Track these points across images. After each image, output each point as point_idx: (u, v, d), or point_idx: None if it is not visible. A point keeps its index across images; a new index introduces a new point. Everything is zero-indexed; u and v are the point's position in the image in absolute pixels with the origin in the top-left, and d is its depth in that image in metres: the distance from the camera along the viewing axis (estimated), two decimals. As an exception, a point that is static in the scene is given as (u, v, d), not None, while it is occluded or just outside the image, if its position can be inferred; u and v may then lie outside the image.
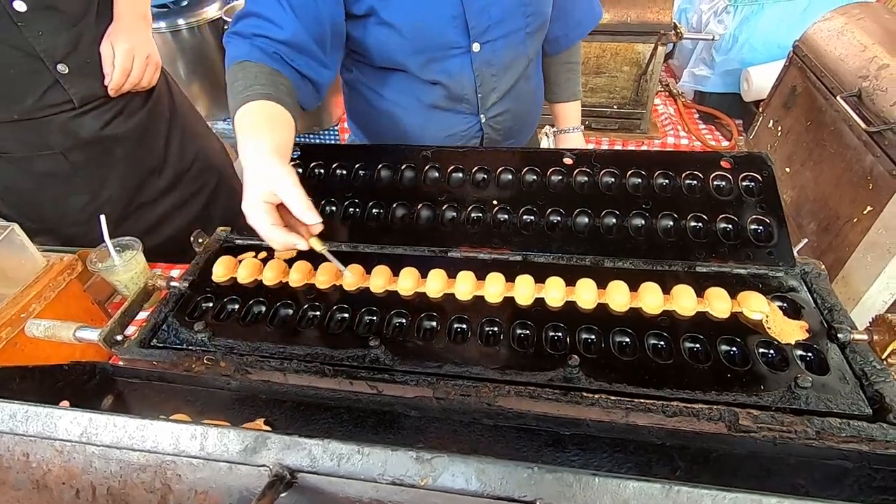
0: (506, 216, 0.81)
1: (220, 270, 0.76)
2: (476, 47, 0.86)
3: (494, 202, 0.82)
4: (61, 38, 0.91)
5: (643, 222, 0.78)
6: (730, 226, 0.76)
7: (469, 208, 0.82)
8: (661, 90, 1.93)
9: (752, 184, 0.79)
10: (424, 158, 0.88)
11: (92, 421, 0.34)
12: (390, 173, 0.88)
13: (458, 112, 0.95)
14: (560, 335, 0.66)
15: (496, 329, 0.68)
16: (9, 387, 0.53)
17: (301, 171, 0.91)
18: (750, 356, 0.61)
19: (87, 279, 1.00)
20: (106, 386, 0.62)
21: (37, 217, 1.10)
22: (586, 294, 0.69)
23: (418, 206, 0.84)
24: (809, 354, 0.62)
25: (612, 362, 0.62)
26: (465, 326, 0.68)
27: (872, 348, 0.61)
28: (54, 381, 0.59)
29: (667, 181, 0.81)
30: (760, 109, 1.54)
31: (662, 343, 0.64)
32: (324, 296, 0.73)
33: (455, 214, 0.83)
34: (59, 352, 0.85)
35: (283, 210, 0.65)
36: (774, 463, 0.52)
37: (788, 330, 0.64)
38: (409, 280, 0.73)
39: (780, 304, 0.68)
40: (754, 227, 0.75)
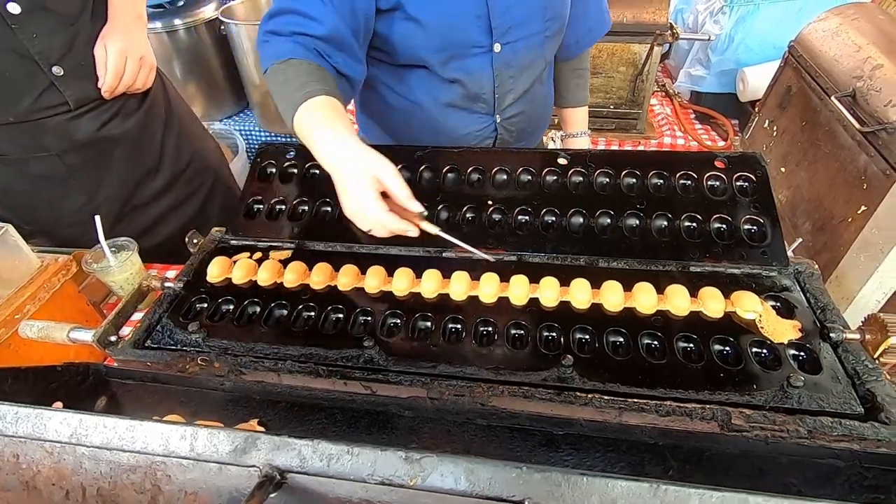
0: (500, 216, 0.82)
1: (215, 271, 0.76)
2: (497, 47, 0.87)
3: (489, 202, 0.82)
4: (56, 41, 0.91)
5: (637, 222, 0.78)
6: (724, 226, 0.76)
7: (464, 209, 0.82)
8: (657, 90, 1.93)
9: (746, 184, 0.79)
10: (419, 159, 0.88)
11: (82, 422, 0.34)
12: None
13: (473, 112, 0.96)
14: (554, 335, 0.66)
15: (490, 329, 0.68)
16: (1, 388, 0.53)
17: (296, 171, 0.91)
18: (743, 356, 0.61)
19: (83, 280, 1.00)
20: (100, 387, 0.62)
21: (33, 219, 1.09)
22: (580, 294, 0.69)
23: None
24: (802, 354, 0.62)
25: (605, 362, 0.62)
26: (459, 327, 0.68)
27: (865, 347, 0.61)
28: (48, 383, 0.59)
29: (661, 181, 0.81)
30: (756, 109, 1.54)
31: (656, 343, 0.65)
32: (318, 296, 0.73)
33: (450, 215, 0.83)
34: (54, 353, 0.85)
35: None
36: (767, 462, 0.52)
37: (781, 329, 0.64)
38: (404, 280, 0.73)
39: (774, 303, 0.68)
40: (748, 226, 0.76)
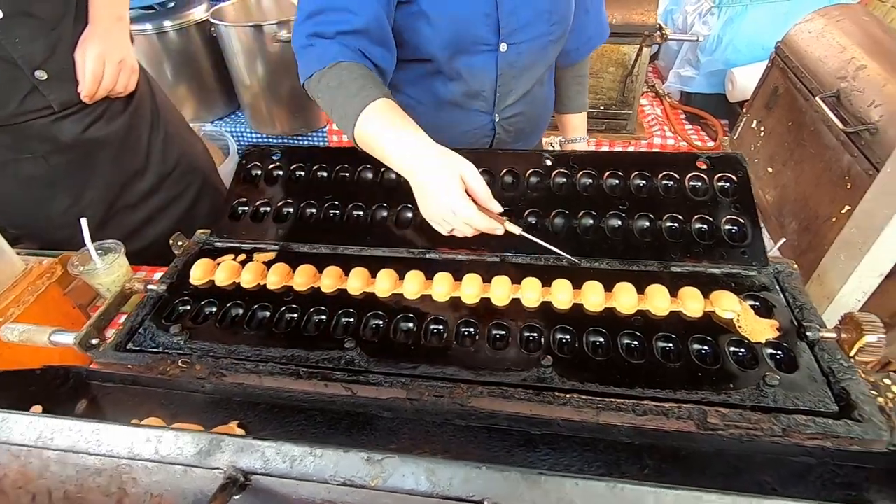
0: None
1: (198, 273, 0.76)
2: (503, 47, 0.88)
3: (473, 203, 0.83)
4: (38, 45, 0.91)
5: (620, 223, 0.78)
6: (705, 226, 0.77)
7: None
8: (647, 91, 1.94)
9: (728, 184, 0.80)
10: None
11: (48, 425, 0.34)
12: (371, 175, 0.89)
13: (472, 110, 0.97)
14: (535, 335, 0.67)
15: (472, 330, 0.68)
16: (-21, 392, 0.53)
17: (281, 173, 0.91)
18: (721, 355, 0.62)
19: (69, 283, 0.99)
20: (80, 390, 0.62)
21: (20, 222, 1.09)
22: (562, 294, 0.69)
23: (398, 208, 0.84)
24: (779, 353, 0.62)
25: (585, 362, 0.62)
26: (441, 328, 0.68)
27: (841, 346, 0.62)
28: (27, 386, 0.59)
29: (644, 182, 0.81)
30: (744, 110, 1.55)
31: (636, 343, 0.65)
32: (301, 298, 0.73)
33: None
34: (39, 357, 0.84)
35: None
36: (742, 460, 0.53)
37: (759, 329, 0.64)
38: (387, 281, 0.73)
39: (753, 303, 0.69)
40: (728, 227, 0.76)
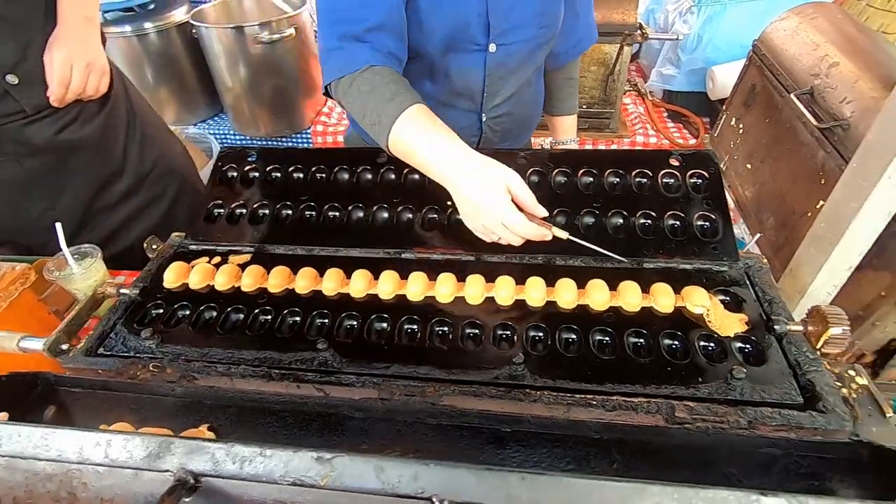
0: (461, 216, 0.82)
1: (171, 276, 0.76)
2: (493, 48, 0.88)
3: (449, 203, 0.83)
4: (8, 48, 0.90)
5: (594, 220, 0.79)
6: (677, 222, 0.77)
7: (424, 210, 0.83)
8: (630, 90, 1.95)
9: (700, 181, 0.80)
10: (380, 162, 0.88)
11: (-3, 431, 0.34)
12: (347, 176, 0.89)
13: (459, 109, 0.97)
14: (508, 333, 0.67)
15: (446, 329, 0.68)
16: (-58, 399, 0.52)
17: (257, 174, 0.91)
18: (690, 349, 0.62)
19: (45, 289, 0.98)
20: (48, 396, 0.62)
21: (-4, 228, 1.08)
22: (535, 292, 0.70)
23: (374, 209, 0.84)
24: (748, 346, 0.63)
25: (557, 359, 0.63)
26: (415, 327, 0.68)
27: (808, 339, 0.63)
28: (-8, 393, 0.58)
29: (617, 179, 0.82)
30: (724, 107, 1.57)
31: (607, 339, 0.65)
32: (275, 300, 0.73)
33: (410, 216, 0.83)
34: (14, 363, 0.83)
35: None
36: (708, 453, 0.53)
37: (728, 323, 0.65)
38: (361, 282, 0.73)
39: (723, 297, 0.69)
40: (700, 223, 0.77)
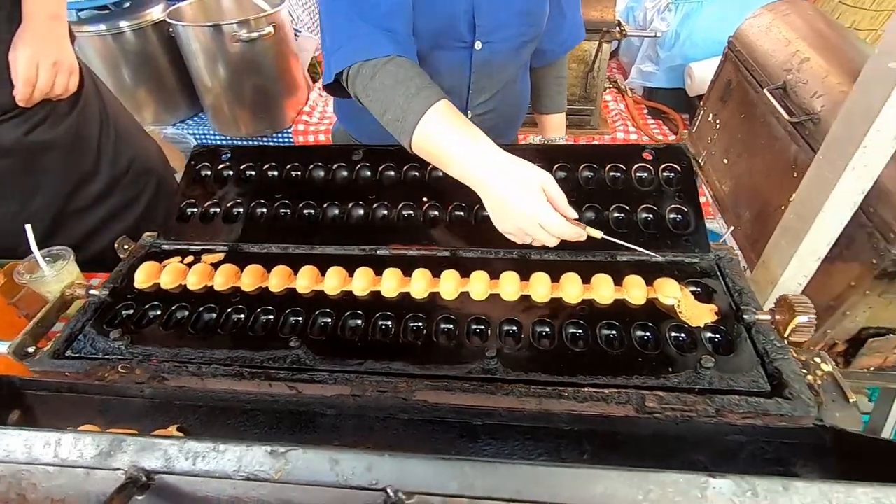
0: (436, 213, 0.82)
1: (142, 276, 0.75)
2: (478, 45, 0.88)
3: (424, 199, 0.83)
4: None
5: (569, 214, 0.79)
6: (650, 215, 0.78)
7: (399, 206, 0.83)
8: (610, 87, 1.97)
9: (672, 174, 0.81)
10: (355, 159, 0.88)
11: (-58, 433, 0.33)
12: (322, 174, 0.88)
13: None
14: (482, 328, 0.67)
15: (420, 325, 0.68)
16: None
17: (231, 173, 0.90)
18: (661, 340, 0.63)
19: (15, 293, 0.96)
20: (13, 400, 0.60)
21: (-34, 231, 1.05)
22: (509, 287, 0.70)
23: (349, 206, 0.83)
24: (717, 336, 0.64)
25: (530, 352, 0.63)
26: (389, 323, 0.68)
27: (776, 328, 0.64)
28: (-47, 397, 0.56)
29: (591, 174, 0.83)
30: (701, 103, 1.58)
31: (580, 332, 0.66)
32: (248, 298, 0.72)
33: (386, 213, 0.83)
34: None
35: None
36: (677, 442, 0.54)
37: (699, 313, 0.66)
38: (336, 279, 0.72)
39: (694, 289, 0.70)
40: (673, 215, 0.78)
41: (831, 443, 0.51)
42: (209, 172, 0.90)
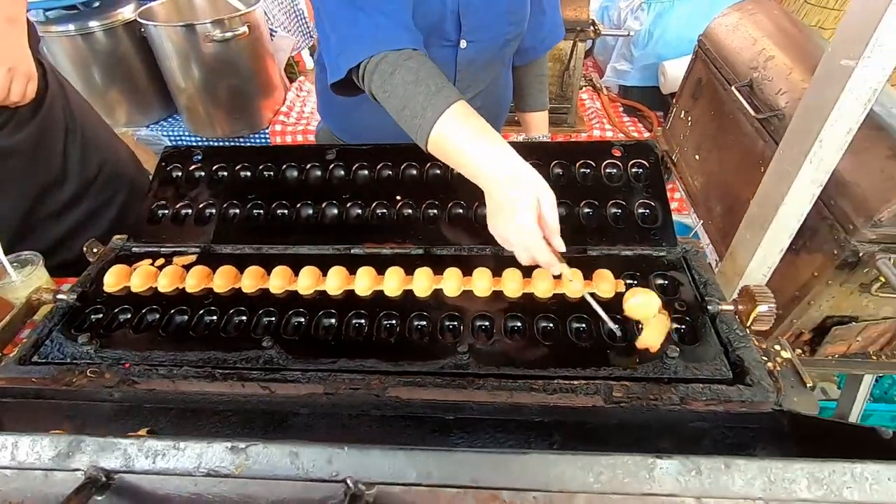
0: (409, 211, 0.83)
1: (112, 280, 0.74)
2: (463, 44, 0.89)
3: (398, 198, 0.83)
4: None
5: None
6: (619, 211, 0.80)
7: (373, 205, 0.83)
8: (586, 85, 1.99)
9: (640, 170, 0.83)
10: (329, 158, 0.88)
11: None
12: (295, 173, 0.88)
13: None
14: (454, 324, 0.68)
15: (393, 322, 0.68)
16: None
17: (203, 174, 0.89)
18: (628, 332, 0.65)
19: (-20, 299, 0.94)
20: (-24, 408, 0.59)
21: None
22: (482, 283, 0.71)
23: (322, 206, 0.83)
24: (682, 327, 0.66)
25: (501, 347, 0.64)
26: (362, 322, 0.69)
27: (739, 317, 0.66)
28: (-88, 407, 0.55)
29: (561, 170, 0.84)
30: (674, 101, 1.62)
31: (551, 325, 0.67)
32: (220, 300, 0.72)
33: (360, 212, 0.83)
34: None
35: None
36: (643, 430, 0.56)
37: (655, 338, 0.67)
38: (309, 279, 0.72)
39: (662, 281, 0.72)
40: (641, 210, 0.80)
41: (789, 427, 0.53)
42: (180, 174, 0.89)
